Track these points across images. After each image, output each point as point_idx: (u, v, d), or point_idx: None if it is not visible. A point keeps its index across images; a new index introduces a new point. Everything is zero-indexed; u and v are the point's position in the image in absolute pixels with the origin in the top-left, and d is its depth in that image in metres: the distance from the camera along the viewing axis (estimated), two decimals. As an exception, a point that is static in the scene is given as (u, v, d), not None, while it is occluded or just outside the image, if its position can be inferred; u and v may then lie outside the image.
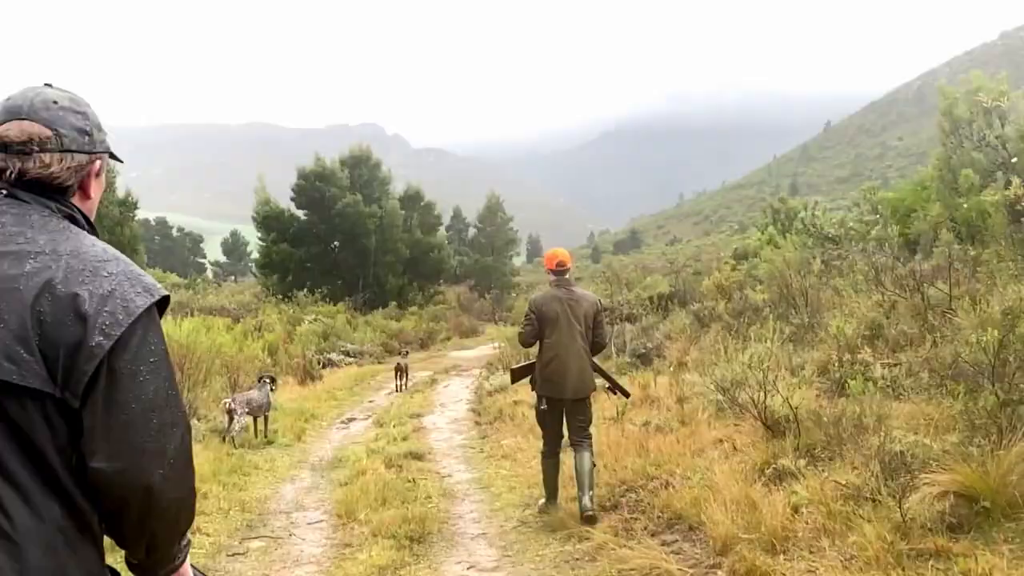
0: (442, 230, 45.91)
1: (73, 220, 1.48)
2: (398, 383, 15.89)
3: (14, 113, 1.45)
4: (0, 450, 1.26)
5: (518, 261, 66.65)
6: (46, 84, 1.53)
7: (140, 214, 32.07)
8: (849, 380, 6.04)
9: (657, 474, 5.70)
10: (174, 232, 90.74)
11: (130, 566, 1.50)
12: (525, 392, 10.96)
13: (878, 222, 25.13)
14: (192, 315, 16.65)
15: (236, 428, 8.70)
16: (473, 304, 39.84)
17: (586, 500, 5.51)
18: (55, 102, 1.48)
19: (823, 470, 4.95)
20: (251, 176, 37.02)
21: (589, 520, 5.41)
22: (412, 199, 42.27)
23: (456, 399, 13.54)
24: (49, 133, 1.44)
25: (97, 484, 1.32)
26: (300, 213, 36.03)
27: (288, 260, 34.33)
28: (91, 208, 1.57)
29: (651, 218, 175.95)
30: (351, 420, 11.58)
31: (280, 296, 31.86)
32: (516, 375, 6.48)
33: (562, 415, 5.88)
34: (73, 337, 1.29)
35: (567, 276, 6.06)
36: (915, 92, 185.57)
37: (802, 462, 5.04)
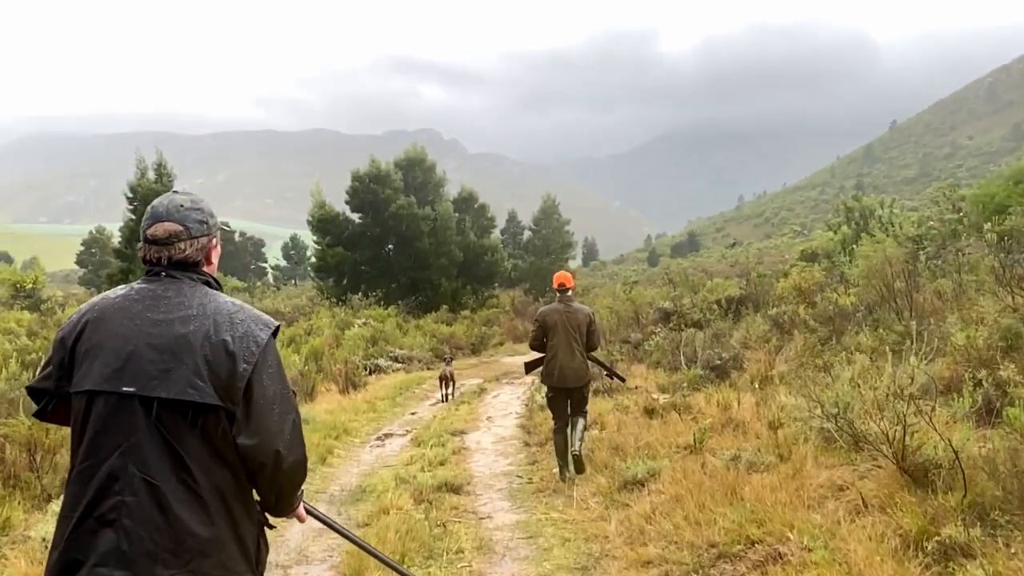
0: (496, 232, 44.99)
1: (207, 284, 2.22)
2: (443, 392, 14.76)
3: (157, 218, 2.18)
4: (191, 442, 2.01)
5: (573, 264, 65.18)
6: (174, 191, 2.26)
7: None
8: (1007, 408, 4.58)
9: (761, 536, 4.27)
10: (236, 237, 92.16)
11: (265, 509, 2.23)
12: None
13: (962, 220, 23.20)
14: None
15: None
16: (527, 308, 38.54)
17: (576, 446, 7.09)
18: (182, 205, 2.21)
19: (1010, 546, 3.53)
20: (311, 182, 36.63)
21: (577, 461, 7.06)
22: (466, 201, 41.42)
23: (505, 412, 12.29)
24: (181, 228, 2.18)
25: (244, 454, 2.05)
26: (355, 216, 35.55)
27: (343, 263, 33.88)
28: (214, 269, 2.31)
29: (709, 220, 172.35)
30: (388, 436, 10.42)
31: (335, 299, 31.60)
32: (529, 367, 7.93)
33: (566, 400, 7.33)
34: (228, 368, 2.03)
35: (568, 294, 7.60)
36: (986, 89, 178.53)
37: (975, 531, 3.62)
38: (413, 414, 12.90)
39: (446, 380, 14.74)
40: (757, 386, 8.20)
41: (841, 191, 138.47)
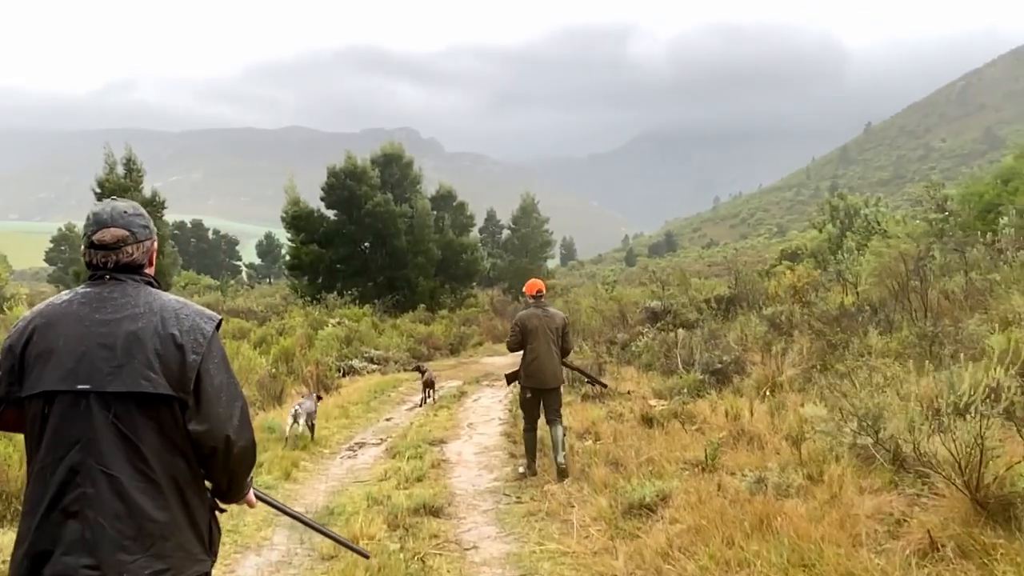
0: (475, 231, 44.32)
1: (150, 284, 2.32)
2: (423, 396, 13.98)
3: (103, 224, 2.28)
4: (145, 433, 2.10)
5: (552, 264, 64.64)
6: (114, 199, 2.38)
7: (178, 216, 31.60)
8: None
9: (809, 584, 3.53)
10: (210, 235, 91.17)
11: (217, 496, 2.35)
12: (573, 418, 8.93)
13: (948, 219, 22.73)
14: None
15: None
16: (507, 307, 37.81)
17: (560, 457, 7.12)
18: (126, 211, 2.32)
19: None
20: (287, 180, 35.68)
21: (561, 472, 7.01)
22: (445, 199, 40.75)
23: (487, 417, 11.52)
24: (128, 233, 2.29)
25: (197, 440, 2.15)
26: (330, 213, 34.84)
27: (318, 261, 33.16)
28: (154, 270, 2.40)
29: (686, 221, 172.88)
30: (360, 446, 9.60)
31: (309, 298, 30.95)
32: (510, 378, 8.28)
33: (540, 401, 7.58)
34: (178, 359, 2.15)
35: (543, 299, 7.92)
36: (958, 92, 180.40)
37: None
38: (388, 420, 12.09)
39: (430, 385, 14.00)
40: (767, 393, 7.48)
41: (816, 192, 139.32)
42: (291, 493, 7.12)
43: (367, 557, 3.69)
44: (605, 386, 9.42)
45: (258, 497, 2.53)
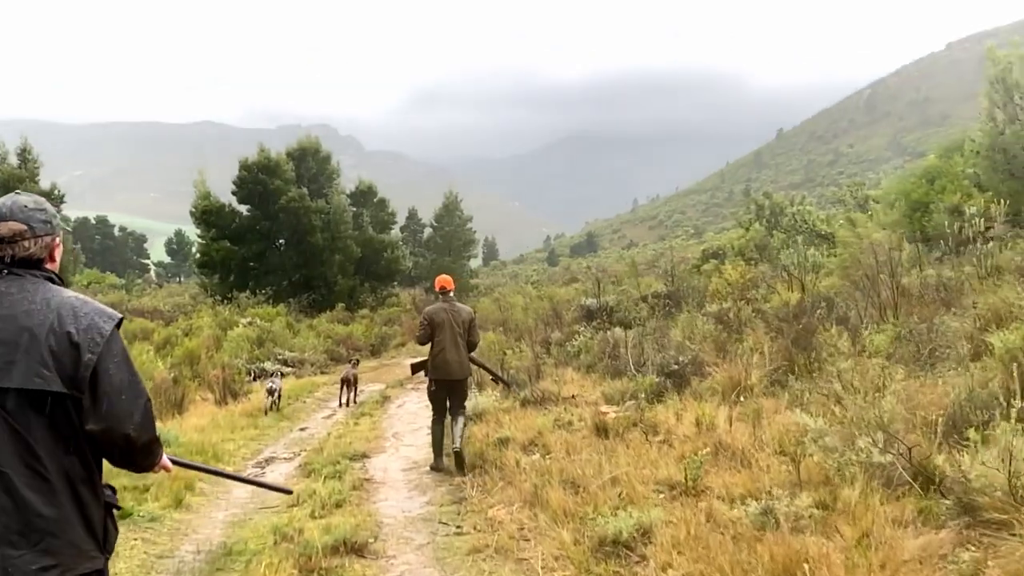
0: (396, 229, 43.10)
1: (51, 280, 2.26)
2: (343, 398, 12.84)
3: (1, 217, 2.22)
4: (37, 430, 2.05)
5: (474, 263, 63.80)
6: (16, 192, 2.33)
7: (81, 213, 29.82)
8: None
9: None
10: (116, 232, 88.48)
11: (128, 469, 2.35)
12: (514, 427, 7.96)
13: (872, 217, 22.69)
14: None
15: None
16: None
17: (457, 442, 7.40)
18: (26, 205, 2.26)
19: None
20: (198, 174, 33.77)
21: (458, 459, 7.30)
22: (364, 195, 39.52)
23: (414, 426, 10.45)
24: (25, 227, 2.22)
25: (92, 439, 2.12)
26: (243, 208, 33.35)
27: (229, 258, 31.75)
28: (57, 267, 2.35)
29: (606, 222, 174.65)
30: (270, 462, 8.42)
31: (220, 297, 29.56)
32: (415, 369, 8.46)
33: (447, 393, 7.79)
34: (72, 357, 2.09)
35: (450, 295, 8.23)
36: (865, 100, 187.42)
37: None
38: (303, 429, 10.88)
39: (348, 383, 12.88)
40: (740, 399, 6.61)
41: (731, 195, 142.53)
42: (181, 525, 5.88)
43: (289, 493, 3.65)
44: (509, 385, 9.63)
45: (174, 462, 2.57)
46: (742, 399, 6.55)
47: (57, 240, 2.32)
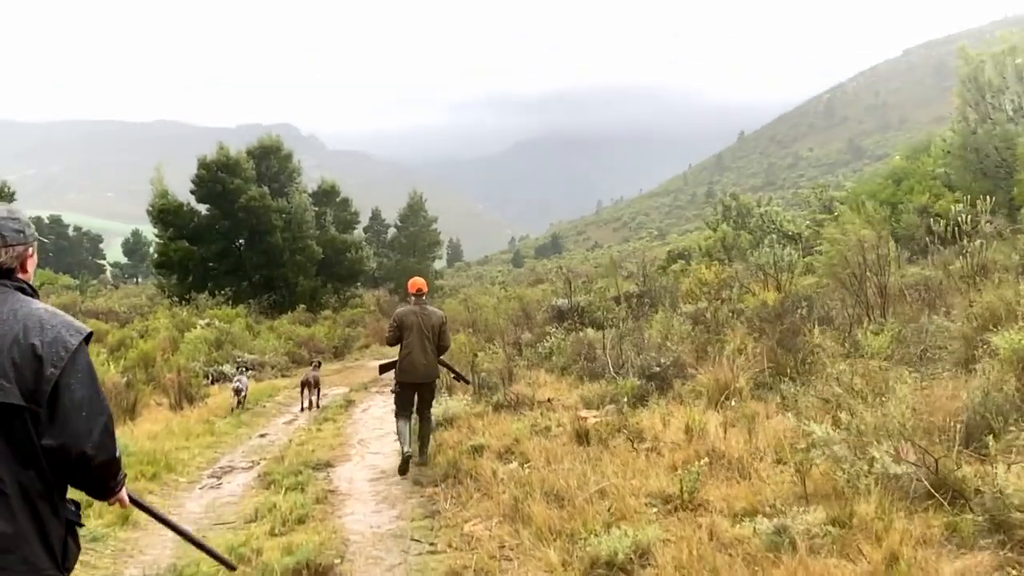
0: (359, 229, 42.42)
1: (22, 290, 2.22)
2: (305, 402, 12.32)
3: None
4: None
5: (439, 264, 63.29)
6: None
7: (33, 212, 28.61)
8: None
9: None
10: (70, 231, 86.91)
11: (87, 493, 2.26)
12: (488, 433, 7.55)
13: (837, 218, 22.68)
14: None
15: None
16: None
17: (423, 455, 7.63)
18: None
19: None
20: (156, 171, 32.80)
21: (423, 455, 7.66)
22: (327, 195, 38.81)
23: (381, 431, 9.99)
24: None
25: (47, 455, 2.04)
26: (202, 208, 32.58)
27: (187, 259, 30.95)
28: (30, 277, 2.31)
29: (571, 224, 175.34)
30: (227, 471, 7.90)
31: (178, 298, 28.74)
32: (383, 369, 8.45)
33: (413, 395, 7.86)
34: (34, 370, 2.04)
35: (423, 298, 8.31)
36: (824, 105, 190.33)
37: None
38: (263, 436, 10.35)
39: (309, 386, 12.36)
40: (725, 401, 6.28)
41: (694, 198, 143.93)
42: (127, 545, 5.37)
43: (233, 569, 3.18)
44: (468, 382, 9.66)
45: (132, 501, 2.47)
46: (731, 403, 6.22)
47: (30, 250, 2.29)
